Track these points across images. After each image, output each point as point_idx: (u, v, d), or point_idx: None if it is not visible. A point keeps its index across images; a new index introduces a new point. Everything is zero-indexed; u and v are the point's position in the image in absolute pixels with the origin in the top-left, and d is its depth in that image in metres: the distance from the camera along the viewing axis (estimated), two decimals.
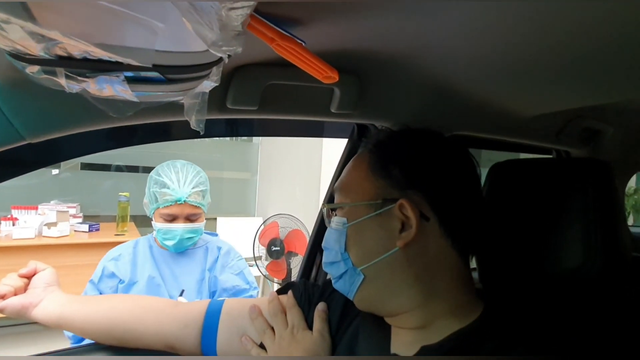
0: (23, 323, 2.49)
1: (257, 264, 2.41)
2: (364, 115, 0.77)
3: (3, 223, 2.42)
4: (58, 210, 2.55)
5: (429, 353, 0.51)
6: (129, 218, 2.77)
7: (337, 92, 0.67)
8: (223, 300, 0.70)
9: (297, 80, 0.63)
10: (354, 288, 0.55)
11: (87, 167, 3.21)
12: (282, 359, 0.61)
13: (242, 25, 0.30)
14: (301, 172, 3.07)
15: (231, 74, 0.59)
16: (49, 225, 2.46)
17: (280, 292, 0.70)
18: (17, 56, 0.31)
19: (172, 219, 1.26)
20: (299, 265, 1.12)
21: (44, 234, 2.46)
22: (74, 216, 2.75)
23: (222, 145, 3.79)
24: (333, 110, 0.70)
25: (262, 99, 0.63)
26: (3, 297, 0.69)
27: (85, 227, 2.65)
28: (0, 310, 0.69)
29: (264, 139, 3.76)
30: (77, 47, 0.27)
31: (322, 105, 0.70)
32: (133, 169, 3.33)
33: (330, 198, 0.90)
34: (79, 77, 0.34)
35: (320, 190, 2.71)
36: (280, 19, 0.42)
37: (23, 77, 0.36)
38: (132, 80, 0.35)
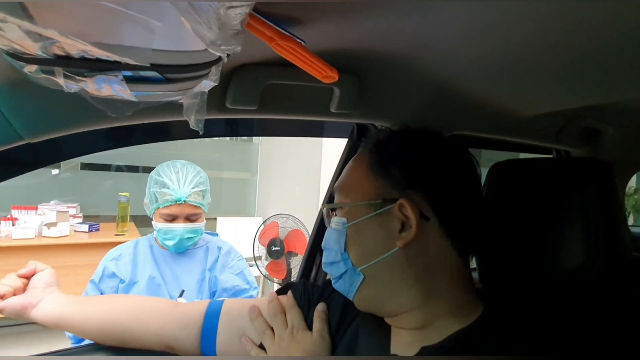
0: (22, 323, 2.49)
1: (257, 264, 2.41)
2: (364, 115, 0.76)
3: (3, 223, 2.42)
4: (58, 211, 2.54)
5: (429, 353, 0.51)
6: (128, 218, 2.77)
7: (336, 91, 0.67)
8: (222, 301, 0.70)
9: (297, 80, 0.62)
10: (354, 288, 0.55)
11: (87, 167, 3.20)
12: (282, 359, 0.61)
13: (241, 25, 0.29)
14: (301, 172, 3.07)
15: (230, 74, 0.59)
16: (49, 225, 2.46)
17: (280, 292, 0.70)
18: (15, 55, 0.31)
19: (172, 219, 1.25)
20: (299, 265, 1.12)
21: (43, 234, 2.45)
22: (74, 216, 2.75)
23: (222, 145, 3.78)
24: (333, 110, 0.70)
25: (261, 98, 0.63)
26: (2, 297, 0.69)
27: (85, 227, 2.65)
28: (0, 311, 0.69)
29: (263, 138, 3.76)
30: (75, 46, 0.26)
31: (321, 105, 0.70)
32: (133, 169, 3.33)
33: (330, 198, 0.90)
34: (77, 77, 0.34)
35: (320, 190, 2.71)
36: (279, 18, 0.41)
37: (21, 76, 0.36)
38: (130, 80, 0.35)
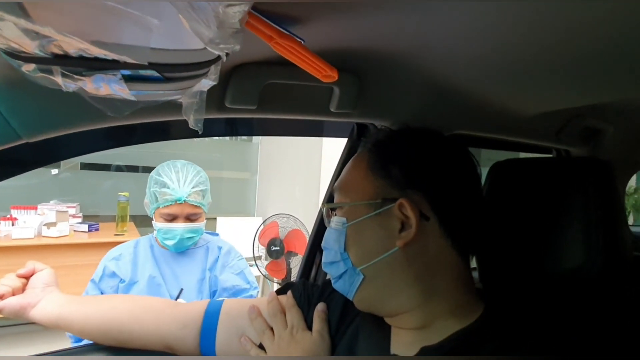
0: (21, 323, 2.48)
1: (256, 264, 2.40)
2: (364, 115, 0.76)
3: (2, 223, 2.42)
4: (57, 210, 2.54)
5: (429, 353, 0.51)
6: (128, 218, 2.77)
7: (336, 91, 0.67)
8: (222, 301, 0.70)
9: (296, 80, 0.62)
10: (354, 288, 0.55)
11: (86, 167, 3.20)
12: (282, 359, 0.61)
13: (239, 23, 0.29)
14: (301, 172, 3.07)
15: (230, 73, 0.59)
16: (49, 225, 2.46)
17: (280, 292, 0.70)
18: (12, 54, 0.31)
19: (173, 218, 1.25)
20: (299, 265, 1.11)
21: (43, 234, 2.45)
22: (74, 216, 2.74)
23: (222, 145, 3.78)
24: (332, 110, 0.70)
25: (261, 98, 0.62)
26: (1, 297, 0.69)
27: (85, 227, 2.65)
28: None
29: (263, 138, 3.76)
30: (72, 45, 0.26)
31: (321, 104, 0.70)
32: (133, 169, 3.33)
33: (329, 198, 0.90)
34: (76, 76, 0.33)
35: (320, 190, 2.71)
36: (279, 17, 0.41)
37: (20, 76, 0.36)
38: (129, 79, 0.35)
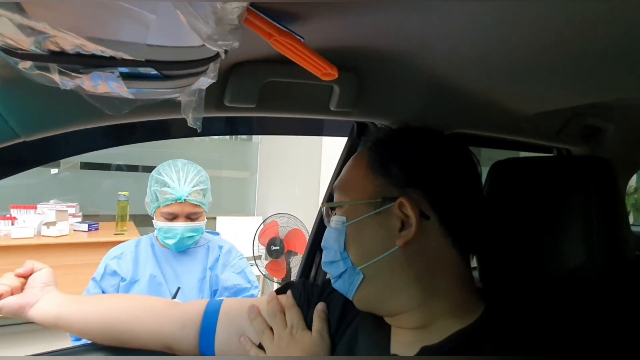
0: (20, 323, 2.48)
1: (256, 264, 2.40)
2: (364, 113, 0.76)
3: (2, 222, 2.42)
4: (57, 210, 2.54)
5: (429, 353, 0.50)
6: (128, 217, 2.77)
7: (336, 89, 0.67)
8: (221, 300, 0.70)
9: (296, 78, 0.62)
10: (354, 288, 0.54)
11: (86, 166, 3.20)
12: (281, 359, 0.61)
13: (238, 19, 0.29)
14: (301, 171, 3.07)
15: (229, 71, 0.58)
16: (48, 224, 2.46)
17: (279, 291, 0.69)
18: (9, 51, 0.31)
19: (173, 217, 1.26)
20: (299, 265, 1.11)
21: (43, 234, 2.45)
22: (73, 215, 2.74)
23: (222, 144, 3.78)
24: (332, 108, 0.70)
25: (260, 96, 0.62)
26: (0, 296, 0.69)
27: (85, 227, 2.65)
28: None
29: (263, 137, 3.75)
30: (69, 41, 0.26)
31: (321, 103, 0.70)
32: (133, 168, 3.33)
33: (329, 197, 0.90)
34: (73, 73, 0.33)
35: (320, 189, 2.71)
36: (278, 14, 0.41)
37: (17, 74, 0.36)
38: (127, 77, 0.34)
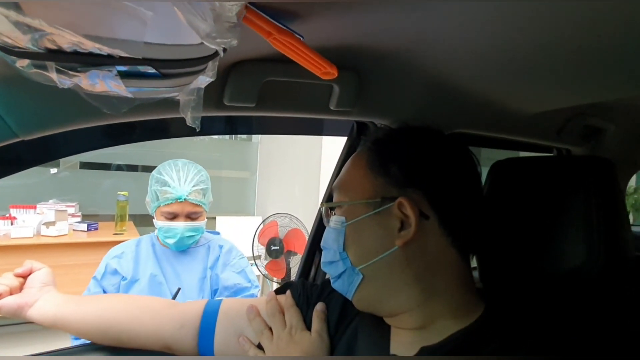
0: (19, 323, 2.48)
1: (256, 263, 2.40)
2: (364, 113, 0.76)
3: (1, 222, 2.41)
4: (56, 210, 2.54)
5: (429, 354, 0.50)
6: (127, 217, 2.76)
7: (336, 89, 0.66)
8: (220, 301, 0.69)
9: (296, 77, 0.62)
10: (353, 288, 0.54)
11: (85, 166, 3.20)
12: (280, 359, 0.61)
13: (236, 17, 0.29)
14: (300, 171, 3.07)
15: (228, 70, 0.58)
16: (48, 224, 2.45)
17: (279, 291, 0.69)
18: (6, 50, 0.31)
19: (173, 217, 1.26)
20: (298, 265, 1.11)
21: (42, 233, 2.44)
22: (73, 215, 2.74)
23: (222, 144, 3.78)
24: (332, 108, 0.69)
25: (259, 95, 0.62)
26: None
27: (84, 227, 2.64)
28: None
29: (263, 137, 3.75)
30: (66, 39, 0.26)
31: (321, 102, 0.70)
32: (132, 168, 3.33)
33: (329, 197, 0.90)
34: (71, 72, 0.33)
35: (319, 189, 2.71)
36: (277, 13, 0.41)
37: (14, 73, 0.35)
38: (125, 75, 0.34)
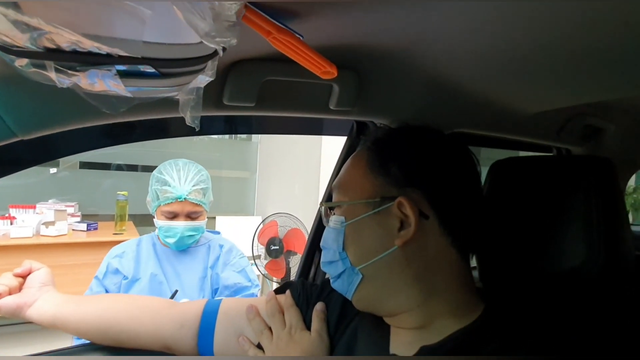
0: (19, 323, 2.47)
1: (255, 263, 2.40)
2: (363, 112, 0.76)
3: (1, 222, 2.41)
4: (56, 209, 2.53)
5: (428, 353, 0.50)
6: (127, 217, 2.76)
7: (335, 88, 0.66)
8: (220, 300, 0.69)
9: (295, 76, 0.62)
10: (353, 288, 0.54)
11: (85, 165, 3.19)
12: (280, 359, 0.61)
13: (236, 16, 0.29)
14: (300, 171, 3.06)
15: (227, 69, 0.58)
16: (47, 224, 2.45)
17: (278, 291, 0.69)
18: (4, 49, 0.30)
19: (173, 216, 1.26)
20: (298, 264, 1.11)
21: (41, 233, 2.44)
22: (72, 215, 2.73)
23: (221, 144, 3.78)
24: (332, 107, 0.69)
25: (259, 95, 0.62)
26: None
27: (84, 226, 2.64)
28: None
29: (263, 137, 3.75)
30: (64, 38, 0.26)
31: (320, 102, 0.70)
32: (132, 168, 3.32)
33: (328, 196, 0.90)
34: (69, 71, 0.33)
35: (319, 188, 2.71)
36: (277, 12, 0.41)
37: (13, 72, 0.35)
38: (124, 75, 0.34)
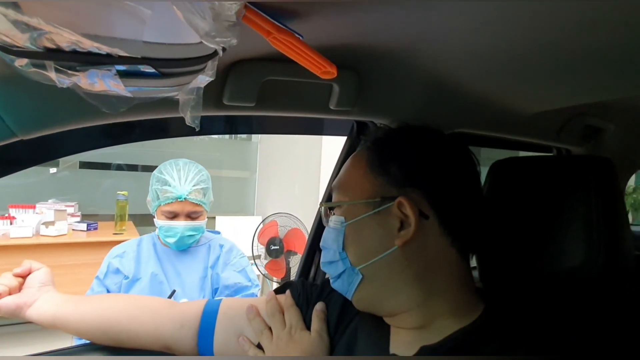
0: (18, 323, 2.47)
1: (255, 263, 2.40)
2: (363, 112, 0.76)
3: (0, 222, 2.41)
4: (56, 209, 2.53)
5: (428, 353, 0.50)
6: (127, 217, 2.76)
7: (335, 88, 0.66)
8: (220, 300, 0.69)
9: (295, 76, 0.62)
10: (352, 288, 0.54)
11: (85, 165, 3.19)
12: (280, 359, 0.61)
13: (236, 16, 0.29)
14: (300, 171, 3.06)
15: (228, 69, 0.58)
16: (47, 224, 2.45)
17: (278, 291, 0.69)
18: (4, 49, 0.30)
19: (174, 216, 1.26)
20: (298, 264, 1.11)
21: (41, 233, 2.44)
22: (72, 215, 2.73)
23: (221, 143, 3.78)
24: (332, 107, 0.69)
25: (259, 95, 0.62)
26: None
27: (84, 226, 2.64)
28: None
29: (263, 137, 3.75)
30: (64, 38, 0.26)
31: (320, 101, 0.69)
32: (132, 168, 3.32)
33: (328, 197, 0.90)
34: (70, 71, 0.33)
35: (319, 188, 2.71)
36: (277, 12, 0.41)
37: (13, 72, 0.35)
38: (124, 74, 0.34)
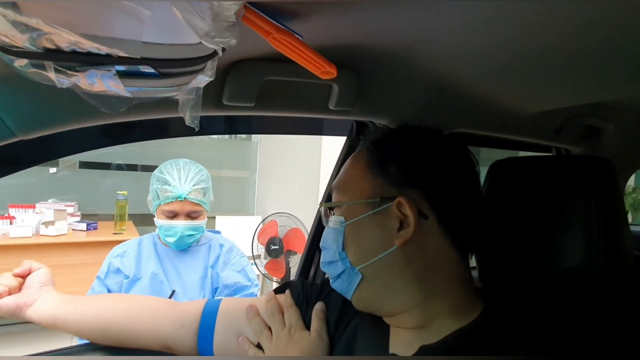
0: (18, 323, 2.47)
1: (255, 263, 2.40)
2: (363, 112, 0.76)
3: (0, 222, 2.41)
4: (56, 209, 2.53)
5: (428, 353, 0.50)
6: (127, 217, 2.75)
7: (335, 88, 0.66)
8: (220, 300, 0.69)
9: (295, 76, 0.62)
10: (352, 288, 0.54)
11: (85, 165, 3.19)
12: (280, 359, 0.61)
13: (235, 16, 0.29)
14: (300, 171, 3.06)
15: (227, 69, 0.58)
16: (47, 224, 2.45)
17: (278, 291, 0.69)
18: (3, 49, 0.30)
19: (174, 215, 1.27)
20: (298, 264, 1.11)
21: (41, 233, 2.44)
22: (72, 215, 2.73)
23: (221, 143, 3.78)
24: (331, 107, 0.69)
25: (259, 95, 0.62)
26: None
27: (83, 226, 2.64)
28: None
29: (262, 137, 3.75)
30: (64, 38, 0.26)
31: (320, 102, 0.70)
32: (132, 168, 3.32)
33: (328, 197, 0.90)
34: (69, 71, 0.33)
35: (319, 188, 2.71)
36: (276, 12, 0.41)
37: (13, 72, 0.35)
38: (123, 75, 0.34)
